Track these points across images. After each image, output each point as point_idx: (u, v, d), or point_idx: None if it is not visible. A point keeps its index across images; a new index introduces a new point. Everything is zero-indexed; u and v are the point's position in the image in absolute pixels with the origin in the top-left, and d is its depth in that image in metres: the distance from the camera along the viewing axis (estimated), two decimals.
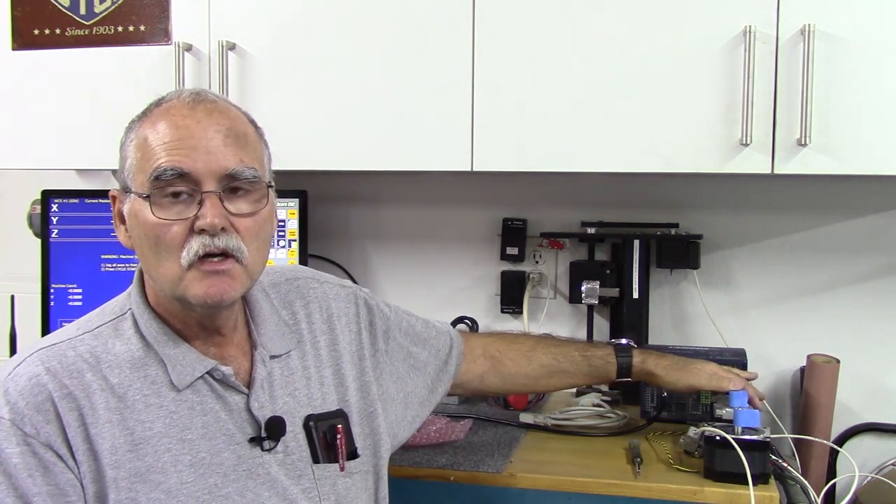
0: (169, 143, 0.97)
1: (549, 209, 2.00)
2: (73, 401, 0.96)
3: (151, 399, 0.99)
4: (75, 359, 0.99)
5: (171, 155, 0.96)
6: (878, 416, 1.85)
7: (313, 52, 1.69)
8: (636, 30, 1.55)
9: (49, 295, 1.93)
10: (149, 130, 0.99)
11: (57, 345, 1.00)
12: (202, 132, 0.97)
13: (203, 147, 0.97)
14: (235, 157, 0.98)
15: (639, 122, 1.56)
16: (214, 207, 0.96)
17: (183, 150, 0.96)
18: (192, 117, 0.98)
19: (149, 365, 1.01)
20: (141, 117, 1.02)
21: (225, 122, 0.99)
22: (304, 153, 1.70)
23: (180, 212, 0.97)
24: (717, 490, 1.37)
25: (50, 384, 0.95)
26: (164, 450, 0.98)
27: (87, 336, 1.02)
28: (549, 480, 1.43)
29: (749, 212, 1.90)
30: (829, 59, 1.47)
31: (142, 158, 0.98)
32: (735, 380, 1.46)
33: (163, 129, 0.98)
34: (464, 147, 1.63)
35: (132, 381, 0.99)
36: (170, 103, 1.01)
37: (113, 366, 1.00)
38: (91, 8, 1.79)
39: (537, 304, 2.01)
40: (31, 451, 0.93)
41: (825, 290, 1.88)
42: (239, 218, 0.99)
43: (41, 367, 0.97)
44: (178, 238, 0.96)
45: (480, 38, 1.61)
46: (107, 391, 0.98)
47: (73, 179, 2.18)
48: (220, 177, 0.97)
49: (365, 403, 1.16)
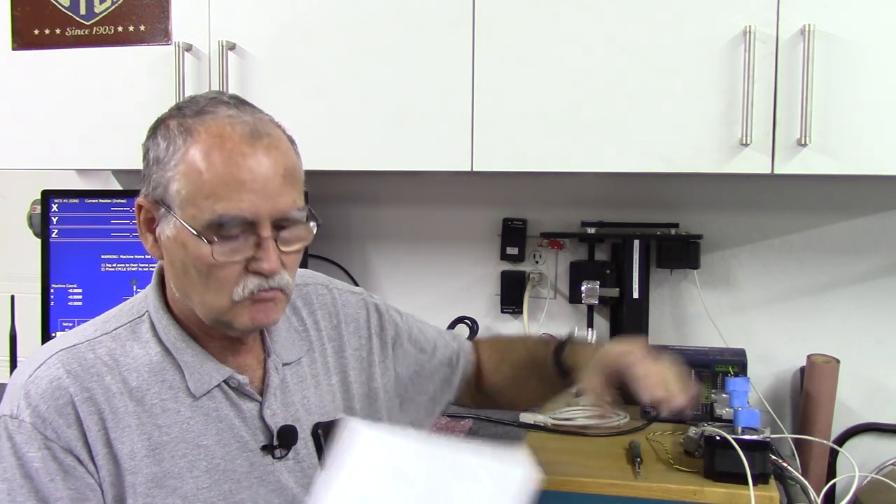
0: (230, 183, 0.93)
1: (549, 209, 2.00)
2: (93, 404, 0.96)
3: (169, 405, 0.99)
4: (95, 361, 0.99)
5: (233, 200, 0.93)
6: (878, 416, 1.85)
7: (313, 52, 1.69)
8: (636, 30, 1.55)
9: (49, 295, 1.93)
10: (201, 160, 0.94)
11: (77, 346, 1.00)
12: (263, 176, 0.94)
13: (263, 191, 0.94)
14: (290, 199, 0.97)
15: (639, 122, 1.56)
16: (273, 252, 0.96)
17: (245, 193, 0.93)
18: (252, 157, 0.94)
19: (166, 370, 1.01)
20: (184, 134, 0.96)
21: (282, 160, 0.97)
22: (304, 153, 1.69)
23: (236, 250, 0.95)
24: (717, 490, 1.37)
25: (71, 387, 0.95)
26: (181, 455, 0.98)
27: (106, 338, 1.02)
28: (549, 480, 1.43)
29: (749, 212, 1.90)
30: (829, 59, 1.47)
31: (196, 192, 0.94)
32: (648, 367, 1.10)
33: (220, 165, 0.93)
34: (464, 147, 1.63)
35: (150, 386, 0.99)
36: (222, 130, 0.95)
37: (131, 369, 1.00)
38: (91, 8, 1.79)
39: (537, 304, 2.01)
40: (51, 456, 0.93)
41: (825, 290, 1.88)
42: (287, 255, 0.99)
43: (62, 370, 0.97)
44: (234, 276, 0.96)
45: (480, 38, 1.61)
46: (126, 395, 0.98)
47: (73, 179, 2.18)
48: (276, 220, 0.96)
49: (372, 410, 1.16)
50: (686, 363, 1.69)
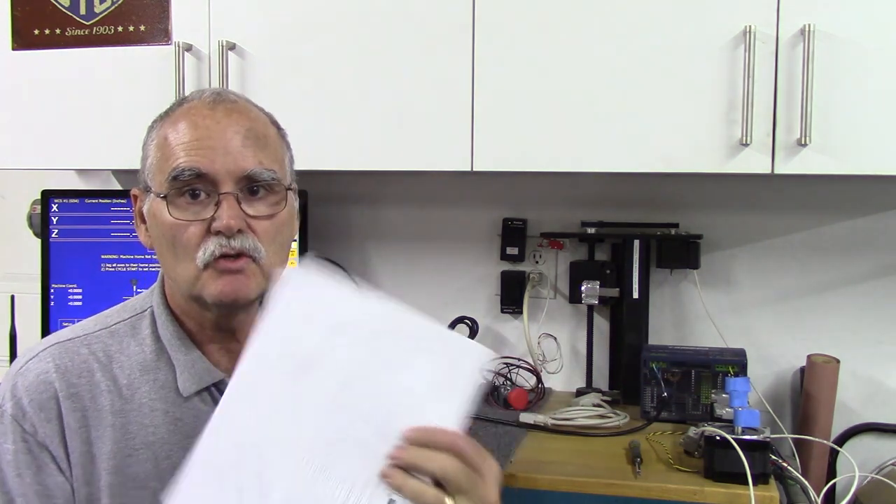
0: (188, 142, 0.96)
1: (549, 209, 2.00)
2: (77, 401, 0.96)
3: (158, 404, 0.99)
4: (88, 356, 0.99)
5: (190, 155, 0.95)
6: (878, 416, 1.85)
7: (313, 52, 1.69)
8: (636, 30, 1.55)
9: (49, 295, 1.93)
10: (169, 130, 0.98)
11: (73, 340, 1.01)
12: (221, 132, 0.96)
13: (222, 147, 0.96)
14: (254, 159, 0.97)
15: (639, 122, 1.56)
16: (231, 209, 0.95)
17: (202, 150, 0.95)
18: (211, 117, 0.97)
19: (160, 369, 1.00)
20: (163, 117, 1.02)
21: (245, 122, 0.98)
22: (304, 153, 1.68)
23: (197, 212, 0.96)
24: (717, 490, 1.37)
25: (57, 382, 0.96)
26: (165, 456, 0.97)
27: (104, 333, 1.02)
28: (549, 480, 1.43)
29: (749, 212, 1.90)
30: (829, 59, 1.47)
31: (161, 158, 0.98)
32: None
33: (182, 129, 0.97)
34: (464, 147, 1.63)
35: (141, 384, 0.99)
36: (191, 103, 1.00)
37: (124, 366, 1.00)
38: (91, 8, 1.79)
39: (537, 304, 2.01)
40: (26, 449, 0.93)
41: (825, 290, 1.88)
42: (256, 220, 0.97)
43: (51, 364, 0.97)
44: (195, 238, 0.96)
45: (480, 38, 1.61)
46: (114, 392, 0.98)
47: (73, 179, 2.18)
48: (238, 178, 0.96)
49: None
50: (686, 363, 1.71)
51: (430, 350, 0.86)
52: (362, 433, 0.82)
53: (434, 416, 0.83)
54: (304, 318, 0.87)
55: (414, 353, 0.85)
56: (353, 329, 0.86)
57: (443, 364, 0.85)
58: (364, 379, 0.84)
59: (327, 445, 0.82)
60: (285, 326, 0.87)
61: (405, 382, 0.84)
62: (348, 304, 0.88)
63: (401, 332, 0.87)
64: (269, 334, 0.87)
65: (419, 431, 0.82)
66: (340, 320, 0.86)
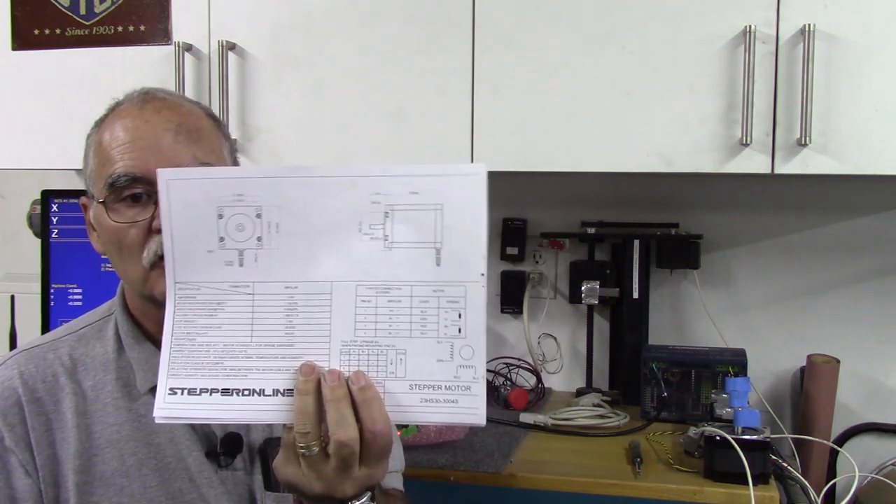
0: (120, 146, 0.96)
1: (549, 209, 2.00)
2: (40, 406, 0.98)
3: (121, 402, 1.00)
4: (53, 362, 1.01)
5: (124, 159, 0.95)
6: (878, 416, 1.85)
7: (313, 51, 1.69)
8: (636, 30, 1.55)
9: (49, 295, 1.93)
10: (104, 135, 0.99)
11: (40, 346, 1.03)
12: (151, 132, 0.96)
13: (154, 147, 0.96)
14: (187, 153, 0.96)
15: (639, 122, 1.56)
16: None
17: (134, 152, 0.96)
18: (140, 117, 0.97)
19: (122, 368, 1.02)
20: (98, 123, 1.02)
21: (175, 118, 0.98)
22: (304, 153, 1.70)
23: (137, 214, 0.96)
24: (717, 490, 1.37)
25: (20, 388, 0.98)
26: (130, 453, 0.98)
27: (71, 338, 1.04)
28: (549, 480, 1.43)
29: (749, 212, 1.90)
30: (829, 59, 1.47)
31: (98, 164, 0.98)
32: None
33: (114, 133, 0.98)
34: (464, 147, 1.63)
35: (105, 384, 1.01)
36: (122, 106, 1.01)
37: (89, 368, 1.01)
38: (91, 8, 1.79)
39: (537, 304, 2.01)
40: None
41: (825, 290, 1.88)
42: None
43: (16, 371, 1.00)
44: (138, 240, 0.96)
45: (480, 38, 1.61)
46: (78, 395, 0.99)
47: (73, 179, 2.18)
48: None
49: None
50: (686, 363, 1.71)
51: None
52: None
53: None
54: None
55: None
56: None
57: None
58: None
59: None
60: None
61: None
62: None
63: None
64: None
65: (374, 393, 0.80)
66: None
